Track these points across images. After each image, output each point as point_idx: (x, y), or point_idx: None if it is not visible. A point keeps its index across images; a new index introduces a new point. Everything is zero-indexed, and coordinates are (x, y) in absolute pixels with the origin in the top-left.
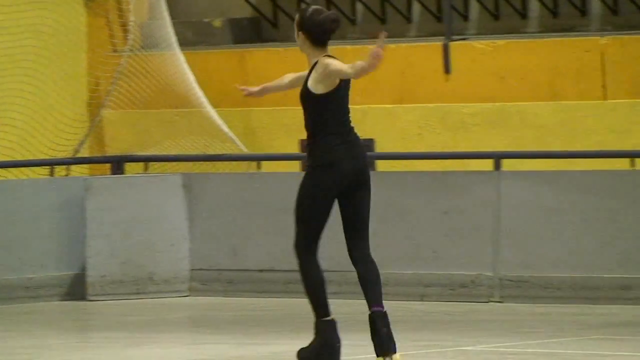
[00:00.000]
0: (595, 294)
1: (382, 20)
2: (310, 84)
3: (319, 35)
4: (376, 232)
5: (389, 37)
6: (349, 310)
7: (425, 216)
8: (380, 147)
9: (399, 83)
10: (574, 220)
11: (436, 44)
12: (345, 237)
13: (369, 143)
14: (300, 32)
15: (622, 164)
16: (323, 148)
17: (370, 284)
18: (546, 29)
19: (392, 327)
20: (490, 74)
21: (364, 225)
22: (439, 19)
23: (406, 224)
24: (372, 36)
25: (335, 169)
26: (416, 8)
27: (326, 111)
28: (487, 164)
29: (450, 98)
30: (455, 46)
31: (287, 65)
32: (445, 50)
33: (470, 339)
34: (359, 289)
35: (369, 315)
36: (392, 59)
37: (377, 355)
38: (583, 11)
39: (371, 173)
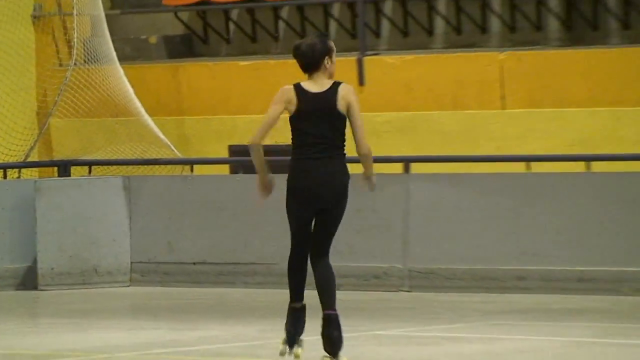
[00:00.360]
0: (495, 284)
1: (302, 36)
2: (340, 104)
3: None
4: None
5: None
6: (273, 299)
7: None
8: None
9: None
10: (476, 218)
11: (351, 59)
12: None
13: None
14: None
15: (519, 167)
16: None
17: (323, 288)
18: (450, 45)
19: (312, 312)
20: (400, 86)
21: (328, 235)
22: (353, 35)
23: None
24: None
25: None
26: (333, 25)
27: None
28: (398, 167)
29: (364, 108)
30: (368, 60)
31: (216, 79)
32: (360, 64)
33: (382, 325)
34: (283, 280)
35: (322, 316)
36: None
37: (329, 354)
38: (483, 28)
39: None
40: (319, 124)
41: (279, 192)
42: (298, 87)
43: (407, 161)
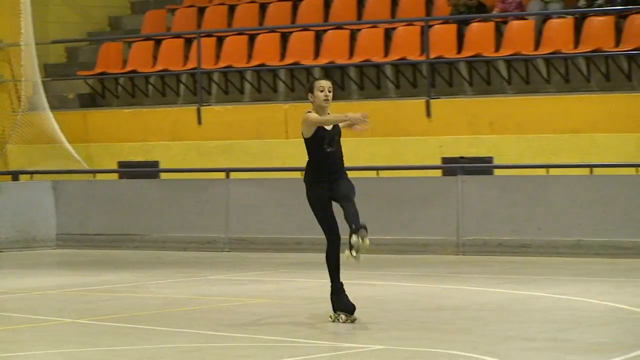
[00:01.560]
0: (286, 247)
1: (163, 94)
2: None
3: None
4: None
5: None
6: (147, 257)
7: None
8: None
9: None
10: (276, 208)
11: (192, 108)
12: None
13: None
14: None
15: (371, 174)
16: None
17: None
18: (254, 100)
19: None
20: (223, 124)
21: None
22: (194, 94)
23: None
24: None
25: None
26: (182, 88)
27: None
28: (222, 175)
29: (201, 138)
30: (204, 109)
31: (110, 120)
32: (198, 111)
33: (210, 272)
34: (154, 244)
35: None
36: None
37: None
38: (275, 89)
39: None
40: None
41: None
42: None
43: (228, 171)
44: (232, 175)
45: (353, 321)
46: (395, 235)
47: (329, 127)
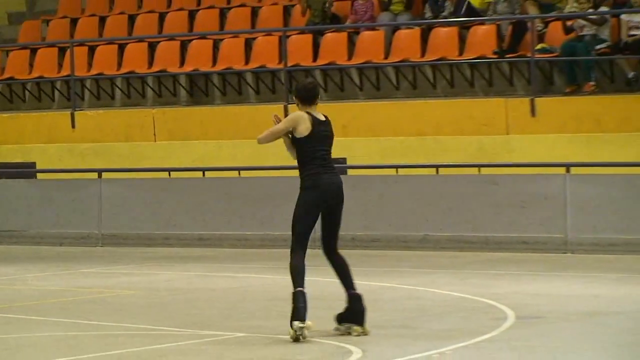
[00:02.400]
0: (154, 242)
1: (39, 100)
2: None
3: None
4: None
5: None
6: (26, 251)
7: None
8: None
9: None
10: (147, 210)
11: (66, 112)
12: (322, 236)
13: None
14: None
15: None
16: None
17: (344, 272)
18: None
19: None
20: (93, 129)
21: (338, 229)
22: (68, 99)
23: None
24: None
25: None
26: (56, 99)
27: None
28: (94, 175)
29: (79, 141)
30: (77, 114)
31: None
32: (72, 116)
33: (84, 265)
34: (32, 240)
35: (349, 296)
36: None
37: (358, 325)
38: (143, 94)
39: None
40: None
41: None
42: (310, 115)
43: (100, 171)
44: (104, 175)
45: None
46: (256, 231)
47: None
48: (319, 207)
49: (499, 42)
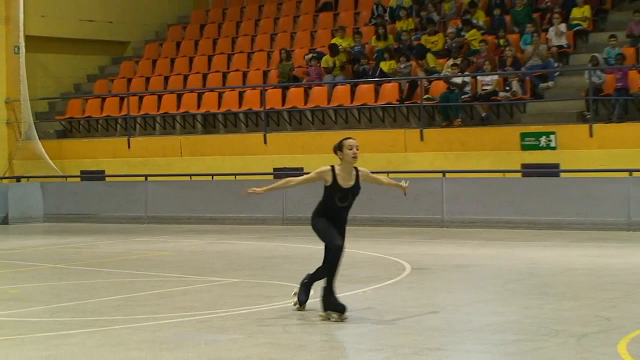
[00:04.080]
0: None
1: None
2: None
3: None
4: None
5: None
6: None
7: None
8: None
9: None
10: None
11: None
12: None
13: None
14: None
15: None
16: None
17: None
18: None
19: None
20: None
21: None
22: None
23: None
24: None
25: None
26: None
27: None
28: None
29: (132, 156)
30: None
31: None
32: None
33: (135, 237)
34: None
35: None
36: None
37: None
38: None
39: None
40: None
41: None
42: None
43: (147, 176)
44: (149, 179)
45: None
46: (246, 214)
47: (345, 184)
48: None
49: (400, 93)
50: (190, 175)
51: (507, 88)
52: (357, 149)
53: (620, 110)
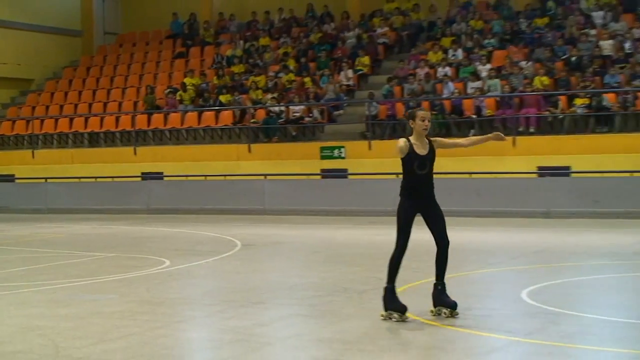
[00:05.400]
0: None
1: None
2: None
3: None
4: None
5: None
6: None
7: None
8: None
9: None
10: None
11: None
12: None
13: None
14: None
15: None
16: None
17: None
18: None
19: None
20: None
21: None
22: None
23: None
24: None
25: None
26: None
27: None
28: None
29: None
30: None
31: None
32: None
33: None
34: None
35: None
36: None
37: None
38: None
39: None
40: None
41: None
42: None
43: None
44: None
45: (454, 315)
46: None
47: (421, 152)
48: None
49: (234, 118)
50: (80, 177)
51: (311, 114)
52: (429, 122)
53: (390, 131)
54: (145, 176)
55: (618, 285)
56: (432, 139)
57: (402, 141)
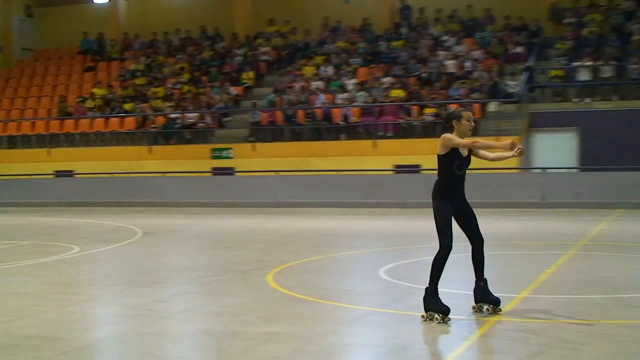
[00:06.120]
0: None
1: None
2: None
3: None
4: None
5: None
6: None
7: None
8: None
9: None
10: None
11: None
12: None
13: None
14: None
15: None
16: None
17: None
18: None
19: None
20: None
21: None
22: None
23: None
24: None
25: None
26: None
27: None
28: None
29: None
30: None
31: None
32: None
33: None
34: None
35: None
36: None
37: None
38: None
39: None
40: None
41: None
42: None
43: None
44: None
45: (498, 312)
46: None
47: (463, 153)
48: None
49: (136, 123)
50: (1, 175)
51: (203, 121)
52: (474, 122)
53: (271, 135)
54: (58, 174)
55: (459, 263)
56: None
57: (448, 135)
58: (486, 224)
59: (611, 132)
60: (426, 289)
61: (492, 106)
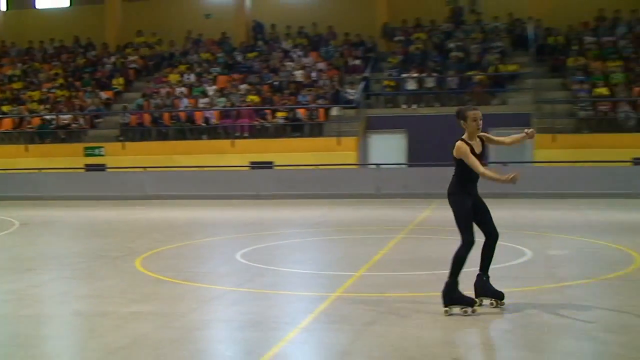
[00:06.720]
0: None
1: None
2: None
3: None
4: None
5: None
6: None
7: None
8: None
9: None
10: None
11: None
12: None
13: None
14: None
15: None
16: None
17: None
18: None
19: None
20: None
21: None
22: None
23: None
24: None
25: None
26: None
27: None
28: None
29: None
30: None
31: None
32: None
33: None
34: None
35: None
36: None
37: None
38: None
39: None
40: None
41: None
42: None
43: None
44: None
45: (501, 305)
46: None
47: (478, 151)
48: None
49: (13, 124)
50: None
51: (77, 122)
52: (482, 120)
53: (139, 135)
54: None
55: (306, 247)
56: (481, 135)
57: (464, 146)
58: (328, 212)
59: (434, 134)
60: (447, 283)
61: (335, 111)
